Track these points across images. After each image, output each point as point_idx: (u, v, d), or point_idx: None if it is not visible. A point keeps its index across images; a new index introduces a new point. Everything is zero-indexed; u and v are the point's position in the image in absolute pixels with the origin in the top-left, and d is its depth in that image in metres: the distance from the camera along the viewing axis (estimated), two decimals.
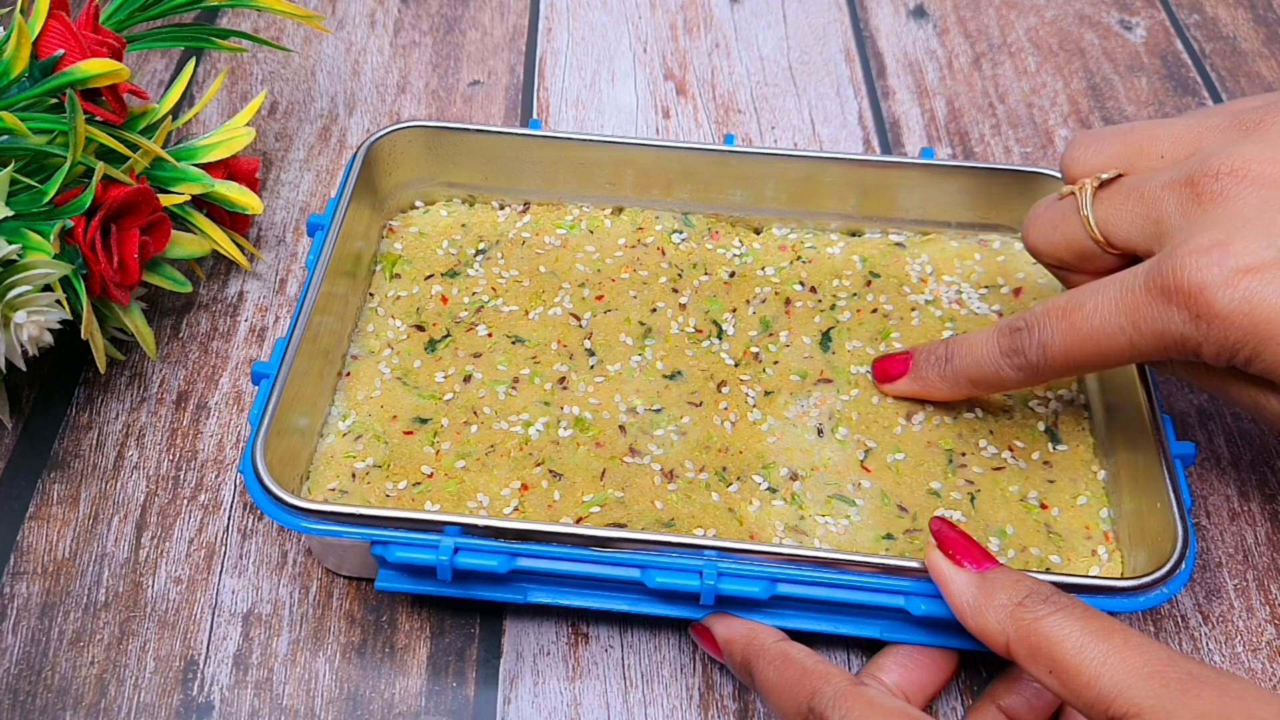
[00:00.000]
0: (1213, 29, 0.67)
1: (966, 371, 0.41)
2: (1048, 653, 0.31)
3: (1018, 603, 0.32)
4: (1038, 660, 0.31)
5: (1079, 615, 0.31)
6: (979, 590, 0.33)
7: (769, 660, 0.35)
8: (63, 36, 0.44)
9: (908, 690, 0.36)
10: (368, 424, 0.43)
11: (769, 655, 0.35)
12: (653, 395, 0.45)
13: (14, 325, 0.40)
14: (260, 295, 0.51)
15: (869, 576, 0.36)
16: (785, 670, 0.35)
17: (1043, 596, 0.32)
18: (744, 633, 0.37)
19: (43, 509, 0.43)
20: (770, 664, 0.35)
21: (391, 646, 0.40)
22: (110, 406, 0.46)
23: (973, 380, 0.41)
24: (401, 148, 0.49)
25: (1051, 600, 0.32)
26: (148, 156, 0.45)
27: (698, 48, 0.65)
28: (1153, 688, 0.29)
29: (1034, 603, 0.32)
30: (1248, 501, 0.45)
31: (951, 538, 0.35)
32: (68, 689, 0.38)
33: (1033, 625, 0.31)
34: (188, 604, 0.40)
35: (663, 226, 0.51)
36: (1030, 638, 0.31)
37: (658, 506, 0.41)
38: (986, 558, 0.34)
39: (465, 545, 0.36)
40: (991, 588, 0.33)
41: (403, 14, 0.66)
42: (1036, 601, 0.32)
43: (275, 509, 0.37)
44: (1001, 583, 0.33)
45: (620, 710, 0.38)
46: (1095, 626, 0.31)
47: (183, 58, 0.63)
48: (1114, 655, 0.30)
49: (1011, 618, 0.32)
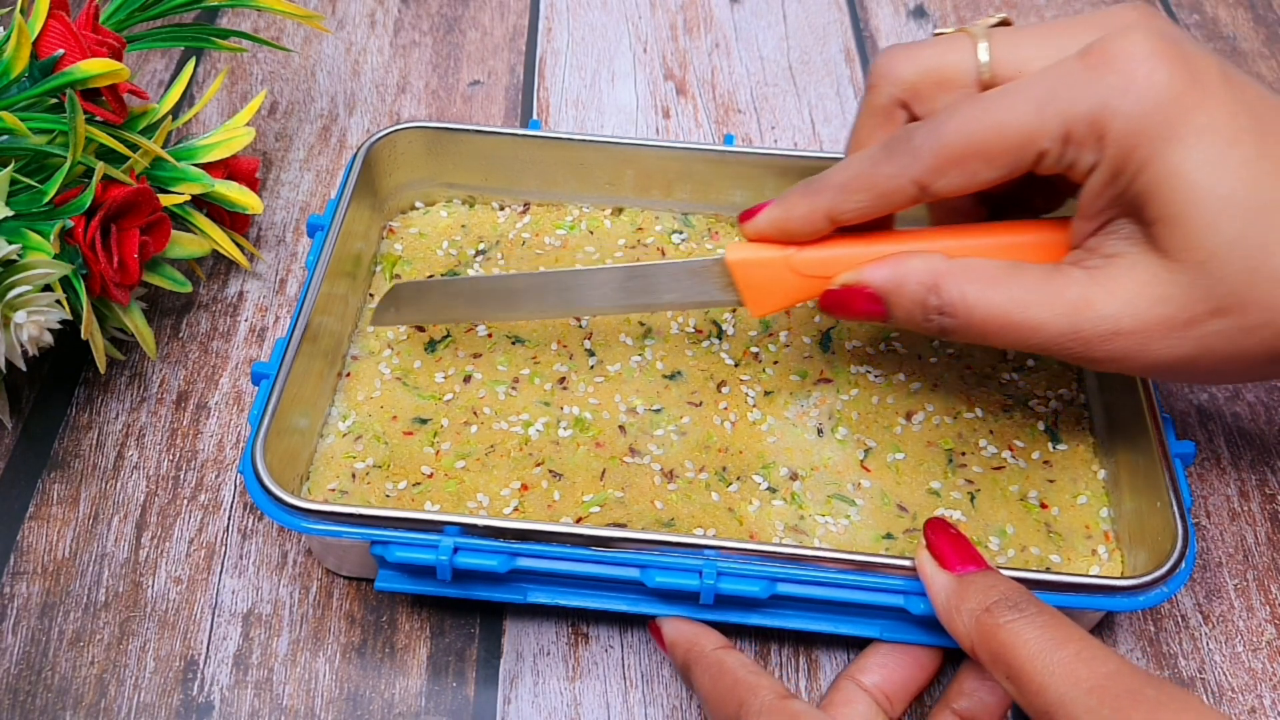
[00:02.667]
0: (1213, 29, 0.67)
1: (837, 177, 0.36)
2: (1005, 658, 0.31)
3: (985, 608, 0.32)
4: (998, 665, 0.31)
5: (1040, 623, 0.31)
6: (953, 593, 0.34)
7: (705, 668, 0.35)
8: (63, 36, 0.44)
9: (889, 690, 0.36)
10: (368, 424, 0.43)
11: (706, 662, 0.36)
12: (653, 395, 0.45)
13: (14, 325, 0.40)
14: (260, 295, 0.51)
15: (869, 576, 0.36)
16: (719, 679, 0.35)
17: (1011, 603, 0.32)
18: (687, 636, 0.37)
19: (43, 509, 0.43)
20: (706, 671, 0.35)
21: (391, 646, 0.40)
22: (110, 406, 0.46)
23: (843, 184, 0.36)
24: (401, 148, 0.49)
25: (1019, 607, 0.32)
26: (148, 156, 0.45)
27: (698, 48, 0.65)
28: (1090, 703, 0.29)
29: (1001, 608, 0.32)
30: (1248, 501, 0.45)
31: (938, 541, 0.35)
32: (68, 689, 0.38)
33: (994, 631, 0.32)
34: (188, 604, 0.40)
35: (662, 227, 0.51)
36: (991, 642, 0.32)
37: (658, 506, 0.41)
38: (970, 560, 0.34)
39: (465, 545, 0.36)
40: (965, 591, 0.33)
41: (403, 14, 0.66)
42: (1004, 608, 0.32)
43: (275, 509, 0.37)
44: (975, 587, 0.33)
45: (620, 710, 0.38)
46: (1053, 635, 0.31)
47: (183, 58, 0.63)
48: (1063, 666, 0.30)
49: (977, 622, 0.32)
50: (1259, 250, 0.31)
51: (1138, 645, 0.40)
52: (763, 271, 0.38)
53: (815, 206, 0.36)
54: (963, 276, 0.35)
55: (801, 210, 0.37)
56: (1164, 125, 0.31)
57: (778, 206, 0.37)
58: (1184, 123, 0.31)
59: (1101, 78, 0.32)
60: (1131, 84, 0.32)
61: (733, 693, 0.34)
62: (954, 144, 0.33)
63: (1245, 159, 0.31)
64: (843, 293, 0.37)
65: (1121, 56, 0.32)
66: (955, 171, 0.34)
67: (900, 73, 0.37)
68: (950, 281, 0.35)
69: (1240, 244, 0.31)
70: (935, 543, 0.35)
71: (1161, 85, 0.31)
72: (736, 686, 0.34)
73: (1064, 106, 0.32)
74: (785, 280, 0.38)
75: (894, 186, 0.35)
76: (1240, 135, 0.31)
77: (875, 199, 0.35)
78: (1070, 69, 0.33)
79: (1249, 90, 0.32)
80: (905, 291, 0.36)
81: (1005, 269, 0.35)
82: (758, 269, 0.39)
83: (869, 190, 0.35)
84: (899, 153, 0.34)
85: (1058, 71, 0.33)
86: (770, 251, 0.38)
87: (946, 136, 0.34)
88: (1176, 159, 0.31)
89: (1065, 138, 0.33)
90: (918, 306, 0.36)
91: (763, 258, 0.38)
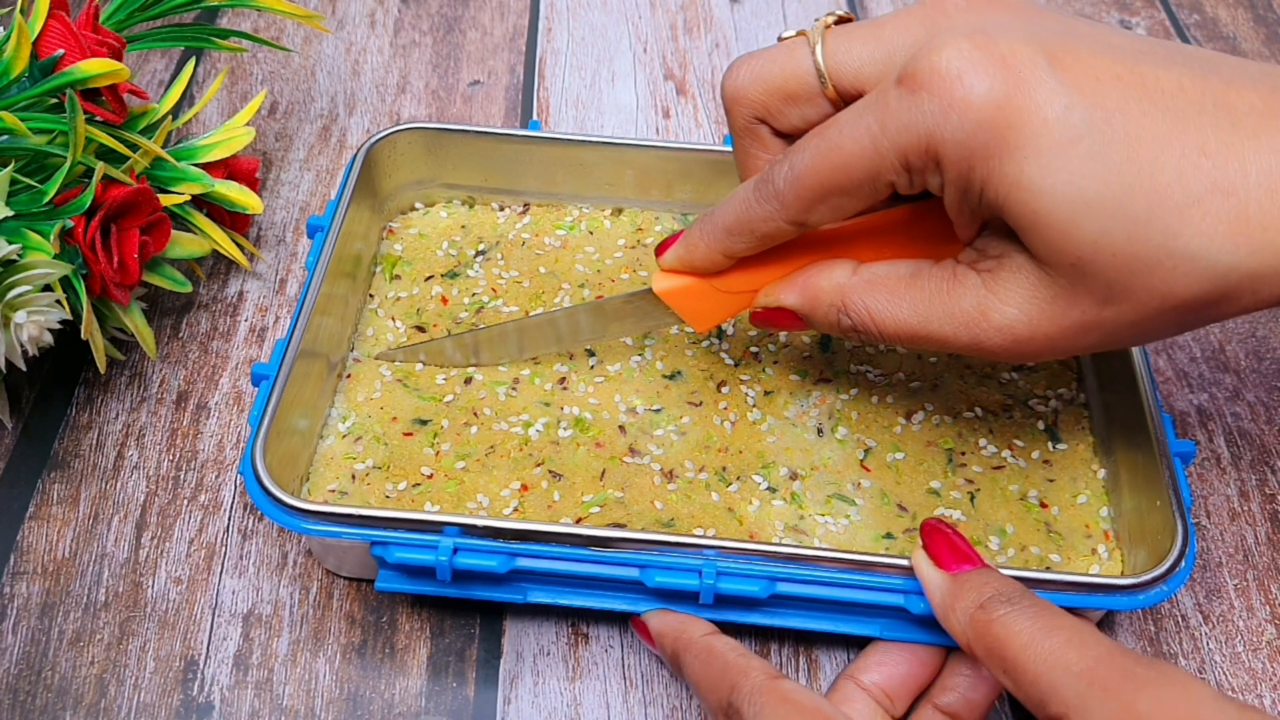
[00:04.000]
0: (1213, 29, 0.67)
1: (722, 219, 0.37)
2: (999, 651, 0.31)
3: (979, 604, 0.32)
4: (993, 659, 0.31)
5: (1031, 614, 0.31)
6: (948, 592, 0.34)
7: (695, 654, 0.36)
8: (63, 36, 0.44)
9: (889, 689, 0.36)
10: (368, 425, 0.43)
11: (695, 649, 0.36)
12: (653, 395, 0.45)
13: (14, 325, 0.40)
14: (260, 295, 0.51)
15: (868, 575, 0.36)
16: (709, 664, 0.35)
17: (1005, 597, 0.32)
18: (674, 625, 0.37)
19: (43, 509, 0.43)
20: (696, 657, 0.35)
21: (391, 647, 0.40)
22: (110, 406, 0.46)
23: (728, 228, 0.36)
24: (401, 149, 0.49)
25: (1011, 600, 0.32)
26: (148, 156, 0.45)
27: (698, 48, 0.65)
28: (1080, 687, 0.29)
29: (995, 604, 0.32)
30: (1248, 501, 0.45)
31: (933, 541, 0.35)
32: (68, 689, 0.38)
33: (988, 625, 0.32)
34: (188, 604, 0.40)
35: (662, 227, 0.51)
36: (985, 637, 0.32)
37: (657, 506, 0.41)
38: (966, 559, 0.34)
39: (465, 545, 0.36)
40: (960, 589, 0.33)
41: (403, 14, 0.66)
42: (998, 602, 0.32)
43: (275, 510, 0.37)
44: (970, 584, 0.33)
45: (620, 710, 0.38)
46: (1044, 623, 0.31)
47: (183, 58, 0.63)
48: (1054, 653, 0.30)
49: (971, 619, 0.32)
50: (1127, 243, 0.30)
51: (1138, 645, 0.40)
52: (691, 296, 0.40)
53: (711, 248, 0.37)
54: (866, 291, 0.36)
55: (701, 251, 0.38)
56: (994, 141, 0.30)
57: (682, 245, 0.38)
58: (1015, 132, 0.30)
59: (920, 104, 0.31)
60: (950, 107, 0.30)
61: (724, 676, 0.34)
62: (810, 185, 0.34)
63: (1090, 153, 0.29)
64: (765, 314, 0.39)
65: (935, 77, 0.30)
66: (822, 208, 0.34)
67: (748, 94, 0.37)
68: (855, 298, 0.36)
69: (1105, 240, 0.30)
70: (931, 543, 0.35)
71: (981, 101, 0.30)
72: (727, 670, 0.34)
73: (895, 139, 0.32)
74: (715, 299, 0.40)
75: (772, 228, 0.36)
76: (1079, 130, 0.29)
77: (760, 240, 0.36)
78: (892, 98, 0.32)
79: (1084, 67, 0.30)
80: (819, 312, 0.37)
81: (906, 280, 0.35)
82: (686, 296, 0.40)
83: (751, 233, 0.36)
84: (766, 197, 0.35)
85: (882, 102, 0.32)
86: (692, 278, 0.39)
87: (802, 179, 0.34)
88: (1015, 171, 0.30)
89: (906, 167, 0.32)
90: (833, 324, 0.37)
91: (687, 285, 0.39)
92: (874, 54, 0.35)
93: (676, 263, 0.39)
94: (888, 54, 0.34)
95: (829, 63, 0.35)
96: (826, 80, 0.35)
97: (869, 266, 0.37)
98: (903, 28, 0.34)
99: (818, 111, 0.36)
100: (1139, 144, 0.29)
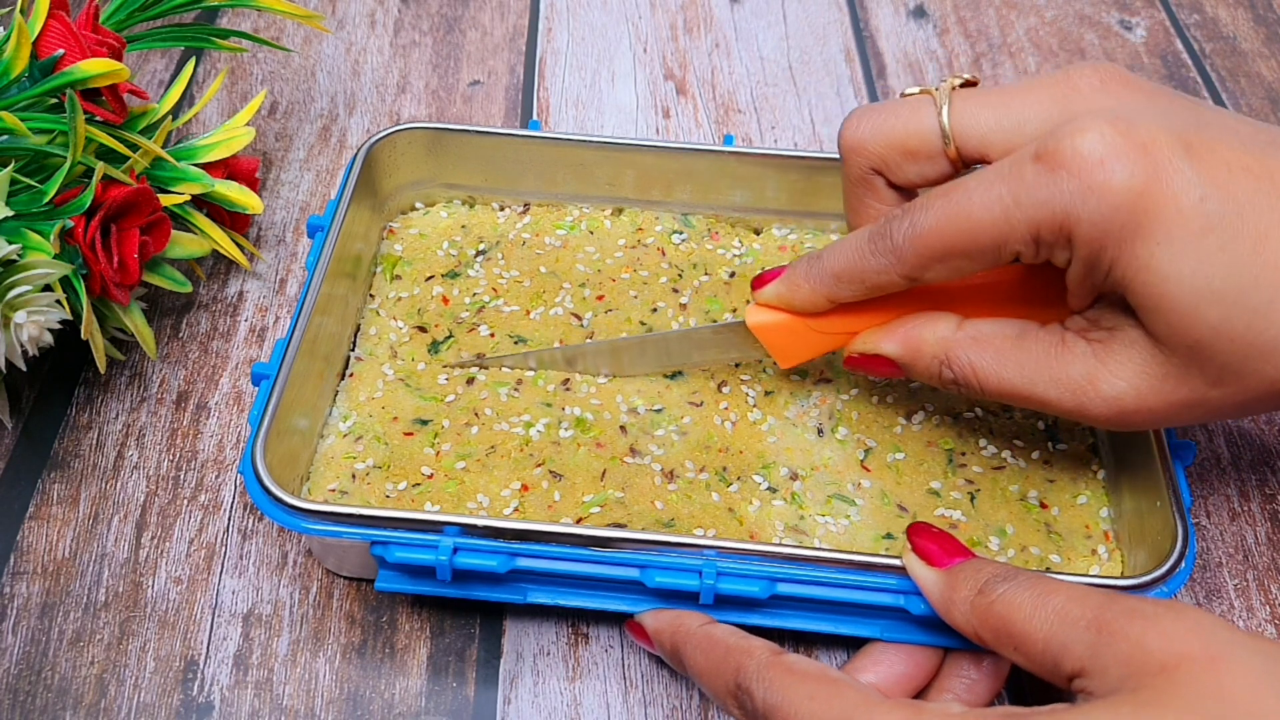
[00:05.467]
0: (1213, 29, 0.67)
1: (831, 265, 0.37)
2: (1005, 630, 0.31)
3: (978, 590, 0.32)
4: (1002, 641, 0.32)
5: (1029, 585, 0.31)
6: (945, 586, 0.34)
7: (695, 644, 0.36)
8: (63, 36, 0.44)
9: (887, 689, 0.36)
10: (368, 425, 0.43)
11: (695, 639, 0.36)
12: (653, 395, 0.45)
13: (14, 325, 0.40)
14: (260, 295, 0.51)
15: (869, 576, 0.36)
16: (711, 651, 0.35)
17: (1001, 577, 0.32)
18: (670, 621, 0.37)
19: (43, 509, 0.43)
20: (697, 648, 0.35)
21: (391, 647, 0.40)
22: (110, 406, 0.46)
23: (836, 275, 0.37)
24: (401, 149, 0.49)
25: (1008, 578, 0.32)
26: (148, 156, 0.45)
27: (698, 48, 0.65)
28: (1089, 637, 0.29)
29: (992, 585, 0.32)
30: (1248, 501, 0.45)
31: (921, 542, 0.35)
32: (68, 689, 0.38)
33: (989, 607, 0.32)
34: (188, 604, 0.40)
35: (663, 227, 0.51)
36: (989, 619, 0.32)
37: (658, 506, 0.41)
38: (955, 553, 0.34)
39: (465, 545, 0.36)
40: (955, 581, 0.34)
41: (403, 14, 0.66)
42: (995, 583, 0.32)
43: (275, 510, 0.37)
44: (965, 574, 0.33)
45: (620, 710, 0.38)
46: (1042, 589, 0.31)
47: (183, 58, 0.63)
48: (1058, 612, 0.30)
49: (972, 606, 0.32)
50: (1245, 331, 0.31)
51: None
52: (785, 332, 0.40)
53: (816, 291, 0.38)
54: (971, 348, 0.36)
55: (804, 293, 0.38)
56: (1129, 225, 0.31)
57: (784, 284, 0.39)
58: (1150, 219, 0.31)
59: (1058, 182, 0.32)
60: (1090, 189, 0.31)
61: (727, 660, 0.34)
62: (932, 244, 0.34)
63: (1220, 245, 0.31)
64: (862, 360, 0.39)
65: (1076, 159, 0.31)
66: (940, 267, 0.35)
67: (867, 147, 0.38)
68: (959, 354, 0.37)
69: (1225, 328, 0.31)
70: (920, 544, 0.35)
71: (1120, 186, 0.31)
72: (730, 654, 0.34)
73: (1029, 213, 0.32)
74: (808, 337, 0.40)
75: (884, 280, 0.36)
76: (1210, 221, 0.31)
77: (869, 290, 0.37)
78: (1029, 172, 0.32)
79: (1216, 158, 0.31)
80: (920, 364, 0.38)
81: (1013, 340, 0.36)
82: (778, 332, 0.40)
83: (861, 283, 0.37)
84: (882, 250, 0.35)
85: (1016, 174, 0.33)
86: (788, 315, 0.40)
87: (924, 238, 0.34)
88: (1145, 255, 0.31)
89: (1035, 240, 0.33)
90: (933, 375, 0.38)
91: (782, 321, 0.40)
92: (1001, 122, 0.36)
93: (776, 299, 0.39)
94: (1016, 124, 0.35)
95: (955, 125, 0.36)
96: (950, 141, 0.36)
97: (973, 323, 0.37)
98: (1034, 100, 0.35)
99: (936, 170, 0.37)
100: (1266, 240, 0.31)
